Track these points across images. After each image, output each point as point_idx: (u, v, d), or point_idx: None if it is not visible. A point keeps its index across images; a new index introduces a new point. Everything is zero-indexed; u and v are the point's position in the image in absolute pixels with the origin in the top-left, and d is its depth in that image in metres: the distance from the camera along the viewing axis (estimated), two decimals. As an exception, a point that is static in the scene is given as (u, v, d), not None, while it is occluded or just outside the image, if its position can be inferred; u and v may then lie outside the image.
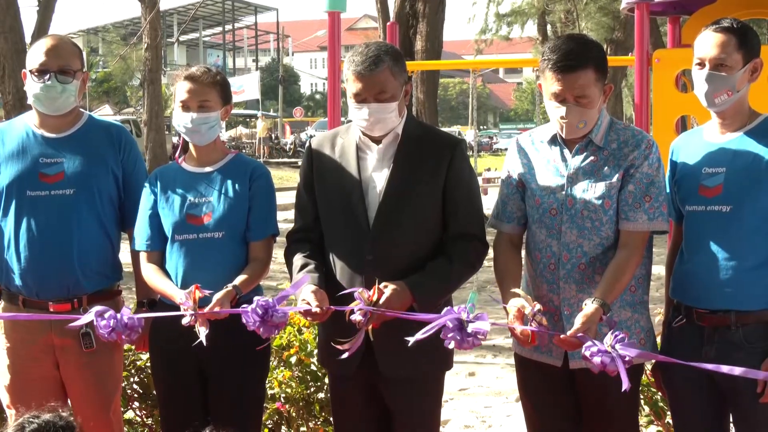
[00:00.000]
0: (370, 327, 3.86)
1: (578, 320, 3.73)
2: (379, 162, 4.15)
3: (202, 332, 4.00)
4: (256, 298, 3.92)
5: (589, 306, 3.76)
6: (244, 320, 3.90)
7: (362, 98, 4.02)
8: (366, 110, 4.02)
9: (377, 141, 4.15)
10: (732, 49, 3.89)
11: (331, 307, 3.92)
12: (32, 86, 4.49)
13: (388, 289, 3.89)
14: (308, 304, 3.90)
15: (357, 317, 3.82)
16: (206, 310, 4.02)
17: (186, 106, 4.34)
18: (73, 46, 4.63)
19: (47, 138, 4.57)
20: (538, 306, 3.75)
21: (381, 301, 3.85)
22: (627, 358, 3.54)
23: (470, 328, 3.64)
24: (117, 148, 4.65)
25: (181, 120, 4.36)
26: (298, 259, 4.19)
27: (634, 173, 3.98)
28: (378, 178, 4.14)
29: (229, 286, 4.16)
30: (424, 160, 4.12)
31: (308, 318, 4.02)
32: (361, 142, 4.18)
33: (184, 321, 4.06)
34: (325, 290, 3.99)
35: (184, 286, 4.23)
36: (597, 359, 3.56)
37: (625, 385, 3.50)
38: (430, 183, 4.10)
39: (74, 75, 4.55)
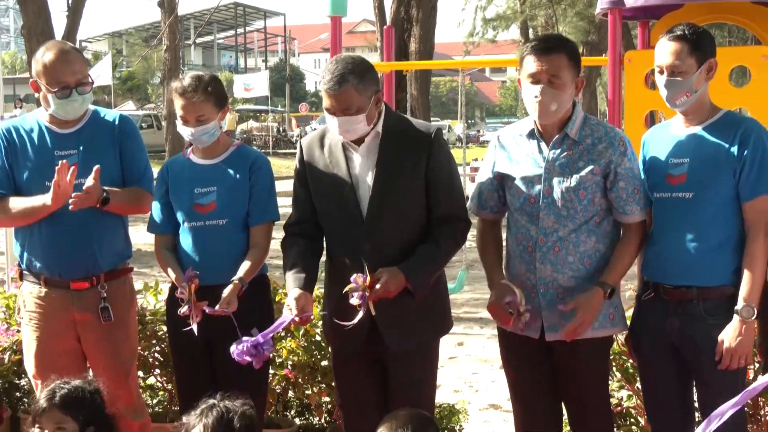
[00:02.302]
0: (371, 303, 3.89)
1: (576, 300, 3.89)
2: (365, 159, 4.13)
3: (195, 324, 4.13)
4: (245, 339, 3.98)
5: (591, 289, 3.91)
6: (235, 357, 3.98)
7: (332, 112, 4.01)
8: (336, 121, 4.01)
9: (359, 141, 4.14)
10: (685, 55, 3.90)
11: (311, 315, 4.03)
12: (53, 100, 4.44)
13: (384, 273, 3.94)
14: (290, 310, 3.96)
15: (355, 301, 3.87)
16: (216, 308, 4.12)
17: (185, 120, 4.33)
18: (80, 54, 4.58)
19: (59, 133, 4.53)
20: (525, 307, 3.94)
21: (378, 286, 3.90)
22: None
23: None
24: (118, 137, 4.59)
25: (182, 131, 4.39)
26: (290, 257, 4.20)
27: (618, 170, 3.99)
28: (366, 174, 4.12)
29: (235, 280, 4.21)
30: (405, 153, 4.10)
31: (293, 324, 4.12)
32: (346, 141, 4.16)
33: (180, 311, 4.16)
34: (310, 290, 4.06)
35: (197, 269, 4.27)
36: None
37: None
38: (413, 173, 4.09)
39: (90, 84, 4.53)
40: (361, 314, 3.89)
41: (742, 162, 3.88)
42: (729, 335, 3.84)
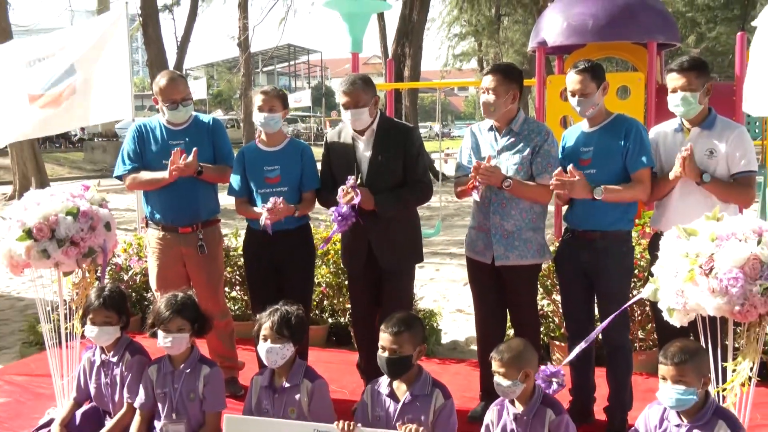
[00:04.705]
0: (359, 191, 3.95)
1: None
2: (365, 147, 4.16)
3: (269, 227, 4.10)
4: (338, 205, 4.01)
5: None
6: (340, 230, 4.03)
7: (346, 106, 4.07)
8: (348, 113, 4.08)
9: (361, 133, 4.15)
10: (587, 81, 3.86)
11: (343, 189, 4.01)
12: (165, 111, 4.47)
13: (367, 191, 4.01)
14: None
15: (349, 182, 3.96)
16: (297, 214, 4.17)
17: (261, 109, 4.28)
18: (184, 79, 4.56)
19: (172, 130, 4.53)
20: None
21: (357, 196, 3.97)
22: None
23: None
24: (211, 132, 4.59)
25: (257, 117, 4.31)
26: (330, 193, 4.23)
27: (539, 150, 3.96)
28: (365, 157, 4.15)
29: (292, 206, 4.20)
30: (390, 143, 4.12)
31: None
32: (354, 133, 4.17)
33: (264, 208, 4.11)
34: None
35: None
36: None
37: None
38: (395, 157, 4.11)
39: (191, 99, 4.53)
40: (353, 194, 3.93)
41: (626, 148, 3.85)
42: (577, 185, 3.78)
